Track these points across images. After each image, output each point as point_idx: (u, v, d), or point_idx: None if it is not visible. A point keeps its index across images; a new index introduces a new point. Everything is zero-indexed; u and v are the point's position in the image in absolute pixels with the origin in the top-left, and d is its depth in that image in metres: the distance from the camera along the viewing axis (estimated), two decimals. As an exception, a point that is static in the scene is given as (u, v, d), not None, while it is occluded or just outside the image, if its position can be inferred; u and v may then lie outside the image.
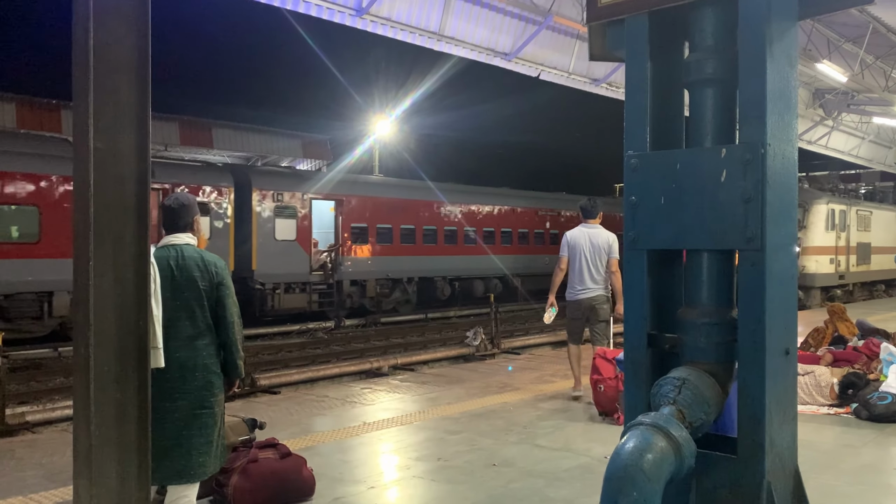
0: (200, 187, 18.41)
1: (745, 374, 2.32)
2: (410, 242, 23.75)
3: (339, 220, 22.09)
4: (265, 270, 19.48)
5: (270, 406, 7.69)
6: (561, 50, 12.23)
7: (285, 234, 20.23)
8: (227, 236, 18.85)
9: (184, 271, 3.89)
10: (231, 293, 4.08)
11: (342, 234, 21.99)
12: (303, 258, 20.56)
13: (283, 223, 20.15)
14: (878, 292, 30.21)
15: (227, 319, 4.01)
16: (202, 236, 4.25)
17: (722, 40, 2.47)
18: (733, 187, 2.32)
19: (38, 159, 15.50)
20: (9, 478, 5.10)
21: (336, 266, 21.57)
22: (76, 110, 3.25)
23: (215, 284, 3.98)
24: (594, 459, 5.51)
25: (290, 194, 20.44)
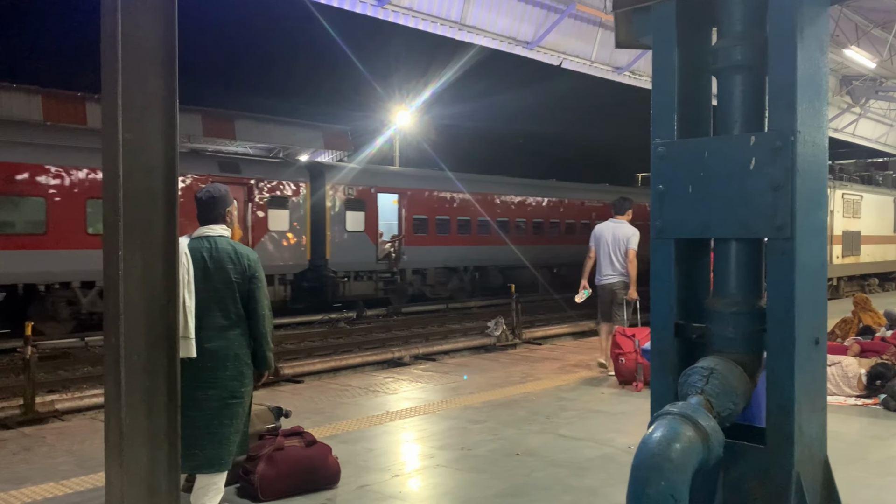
0: (280, 182, 19.46)
1: (774, 364, 2.31)
2: (466, 233, 24.76)
3: (402, 213, 23.18)
4: (337, 259, 20.65)
5: (295, 395, 7.75)
6: (583, 38, 12.13)
7: (355, 225, 21.43)
8: (304, 228, 20.00)
9: (217, 263, 3.92)
10: (263, 286, 4.11)
11: (405, 226, 23.08)
12: (370, 248, 21.78)
13: (353, 215, 21.34)
14: (871, 286, 26.77)
15: (259, 312, 4.04)
16: (236, 228, 4.27)
17: (751, 26, 2.44)
18: (762, 175, 2.29)
19: None
20: (41, 464, 5.20)
21: (399, 255, 22.62)
22: (104, 101, 3.29)
23: (248, 277, 4.01)
24: (618, 449, 5.50)
25: (359, 188, 21.59)
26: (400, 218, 23.20)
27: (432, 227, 23.75)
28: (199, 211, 4.07)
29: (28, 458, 5.37)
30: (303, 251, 19.98)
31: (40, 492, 4.60)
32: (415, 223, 23.24)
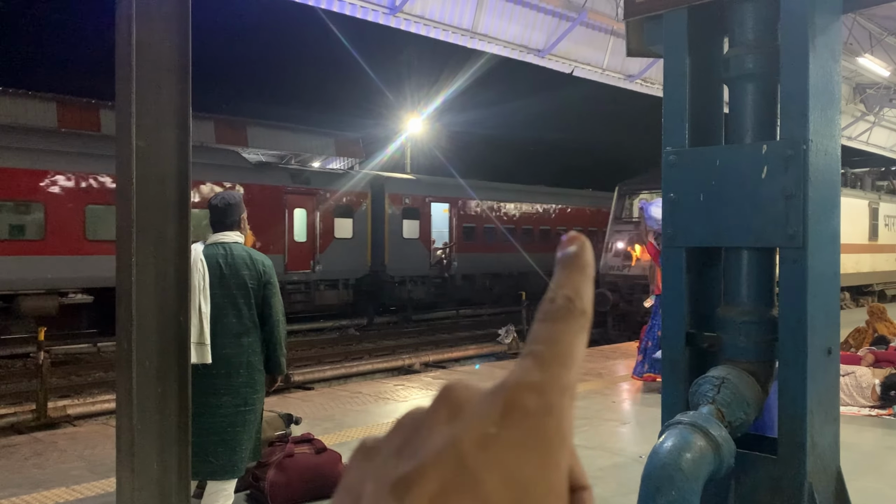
0: (345, 193, 20.73)
1: (786, 374, 2.29)
2: (510, 241, 25.55)
3: (453, 221, 24.25)
4: (395, 265, 21.83)
5: (305, 401, 7.76)
6: (595, 46, 12.13)
7: (410, 233, 22.72)
8: (366, 235, 21.27)
9: (233, 269, 3.94)
10: (277, 292, 4.12)
11: (455, 233, 24.17)
12: (424, 254, 22.98)
13: (409, 224, 22.68)
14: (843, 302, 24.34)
15: (273, 318, 4.05)
16: (249, 234, 4.29)
17: (763, 35, 2.44)
18: (774, 184, 2.29)
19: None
20: (54, 469, 5.22)
21: (450, 262, 23.65)
22: (119, 109, 3.32)
23: (263, 283, 4.03)
24: (629, 459, 5.47)
25: (414, 197, 22.88)
26: (451, 226, 24.28)
27: (480, 234, 24.95)
28: (213, 217, 4.08)
29: (40, 462, 5.40)
30: (364, 257, 21.18)
31: (52, 496, 4.62)
32: (464, 231, 24.52)
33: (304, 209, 19.56)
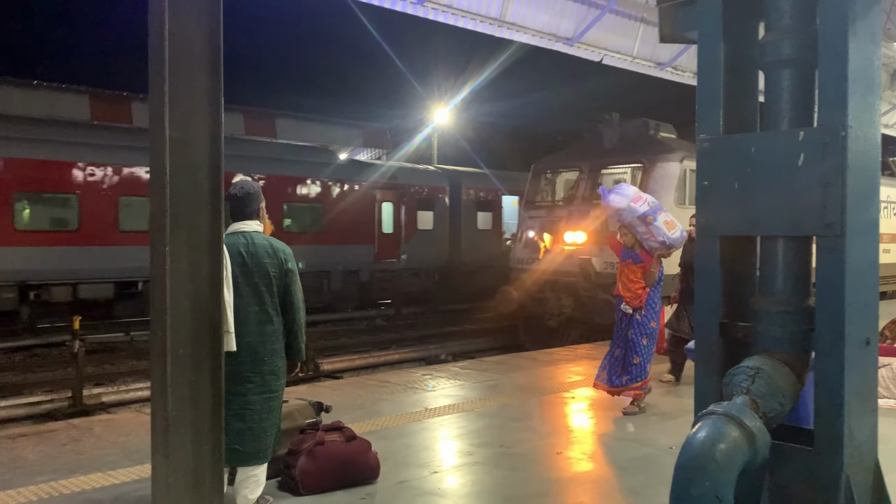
0: (427, 187, 22.06)
1: (823, 365, 2.26)
2: None
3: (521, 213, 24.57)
4: (470, 255, 22.70)
5: (334, 390, 7.82)
6: (625, 34, 11.99)
7: (484, 224, 23.62)
8: (445, 227, 22.41)
9: (254, 258, 3.98)
10: (297, 279, 4.16)
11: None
12: (496, 245, 23.60)
13: (483, 216, 23.59)
14: None
15: (294, 305, 4.10)
16: (268, 223, 4.33)
17: (800, 19, 2.39)
18: (811, 171, 2.25)
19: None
20: (89, 455, 5.33)
21: None
22: (151, 100, 3.35)
23: (284, 271, 4.07)
24: (659, 450, 5.43)
25: (487, 191, 23.67)
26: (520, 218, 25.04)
27: None
28: (232, 207, 4.11)
29: (77, 448, 5.51)
30: (444, 248, 22.18)
31: (89, 482, 4.71)
32: None
33: (391, 203, 20.71)
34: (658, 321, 6.72)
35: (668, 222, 6.45)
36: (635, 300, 6.55)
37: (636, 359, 6.48)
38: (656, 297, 6.63)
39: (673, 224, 6.49)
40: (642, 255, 6.62)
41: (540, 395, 7.44)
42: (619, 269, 6.86)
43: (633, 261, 6.65)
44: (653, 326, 6.61)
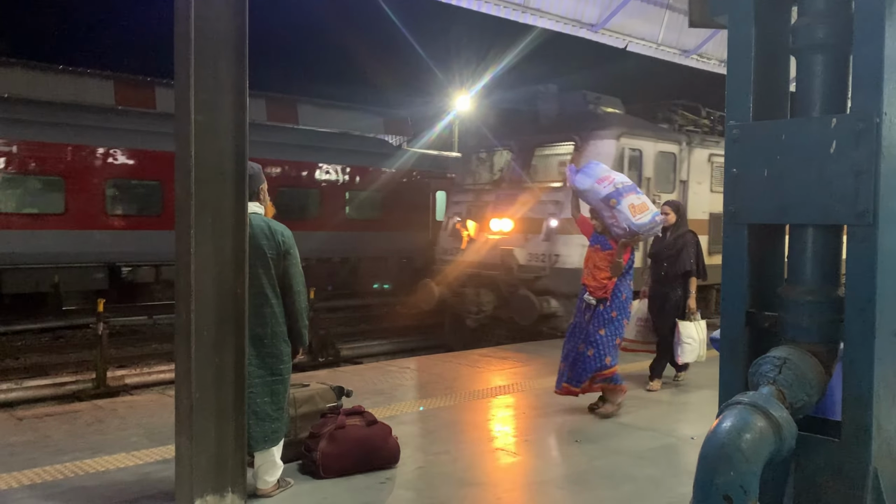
0: None
1: (852, 356, 2.22)
2: None
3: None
4: None
5: (355, 375, 7.86)
6: (650, 20, 11.84)
7: None
8: None
9: (251, 240, 3.92)
10: (297, 262, 4.12)
11: None
12: None
13: None
14: None
15: (294, 288, 4.08)
16: (269, 205, 4.29)
17: (835, 3, 2.34)
18: (843, 159, 2.21)
19: None
20: (114, 435, 5.40)
21: None
22: (178, 84, 3.37)
23: (282, 252, 4.04)
24: (680, 440, 5.41)
25: None
26: None
27: None
28: None
29: (101, 429, 5.59)
30: None
31: (113, 461, 4.78)
32: None
33: (444, 191, 20.77)
34: (624, 314, 6.16)
35: (635, 206, 5.90)
36: (600, 290, 6.02)
37: (590, 350, 5.97)
38: (623, 289, 6.09)
39: (643, 208, 5.95)
40: (612, 241, 6.12)
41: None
42: (586, 255, 6.30)
43: (601, 246, 6.14)
44: (614, 317, 6.04)
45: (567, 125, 11.59)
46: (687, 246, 7.14)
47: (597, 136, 11.11)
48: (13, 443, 5.17)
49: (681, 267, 7.07)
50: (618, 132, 11.14)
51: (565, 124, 11.67)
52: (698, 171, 12.59)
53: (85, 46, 23.04)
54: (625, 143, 11.16)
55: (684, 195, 12.20)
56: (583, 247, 9.61)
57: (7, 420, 5.83)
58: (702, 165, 12.71)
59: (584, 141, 11.12)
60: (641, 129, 11.69)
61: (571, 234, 10.35)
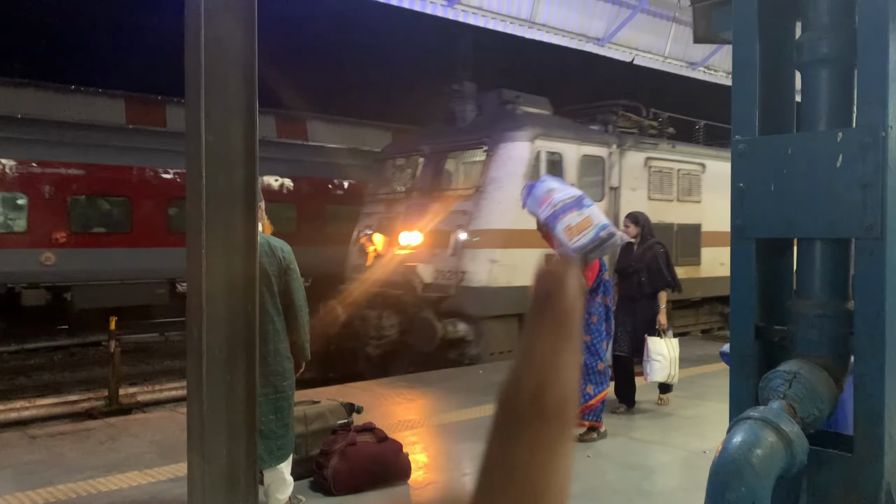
0: None
1: (862, 369, 2.22)
2: None
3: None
4: None
5: (365, 391, 7.86)
6: (656, 33, 11.89)
7: None
8: None
9: None
10: (297, 277, 4.14)
11: None
12: None
13: None
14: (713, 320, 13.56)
15: (296, 303, 4.09)
16: (266, 222, 4.32)
17: (838, 17, 2.35)
18: (850, 172, 2.21)
19: None
20: (126, 453, 5.42)
21: None
22: (188, 104, 3.40)
23: (283, 269, 4.06)
24: (692, 454, 5.38)
25: None
26: None
27: None
28: None
29: (114, 447, 5.61)
30: None
31: (126, 479, 4.80)
32: None
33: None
34: (599, 337, 5.81)
35: (572, 227, 5.27)
36: None
37: None
38: (593, 310, 5.75)
39: (583, 226, 5.28)
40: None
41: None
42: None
43: None
44: (587, 341, 5.72)
45: (480, 127, 10.70)
46: (656, 259, 6.74)
47: (508, 139, 10.06)
48: (27, 461, 5.20)
49: (652, 283, 6.67)
50: (532, 134, 10.12)
51: (479, 127, 10.77)
52: (632, 176, 11.41)
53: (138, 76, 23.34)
54: (541, 146, 10.14)
55: (615, 203, 11.08)
56: (492, 262, 9.59)
57: (21, 438, 5.86)
58: (636, 170, 11.47)
59: (494, 144, 10.10)
60: (562, 131, 10.67)
61: (480, 248, 9.77)
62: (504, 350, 9.88)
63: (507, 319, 9.75)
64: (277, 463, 4.05)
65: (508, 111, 10.79)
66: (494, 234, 9.78)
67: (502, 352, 9.84)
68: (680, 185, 12.26)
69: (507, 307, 9.61)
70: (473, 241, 9.76)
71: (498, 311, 9.65)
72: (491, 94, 11.21)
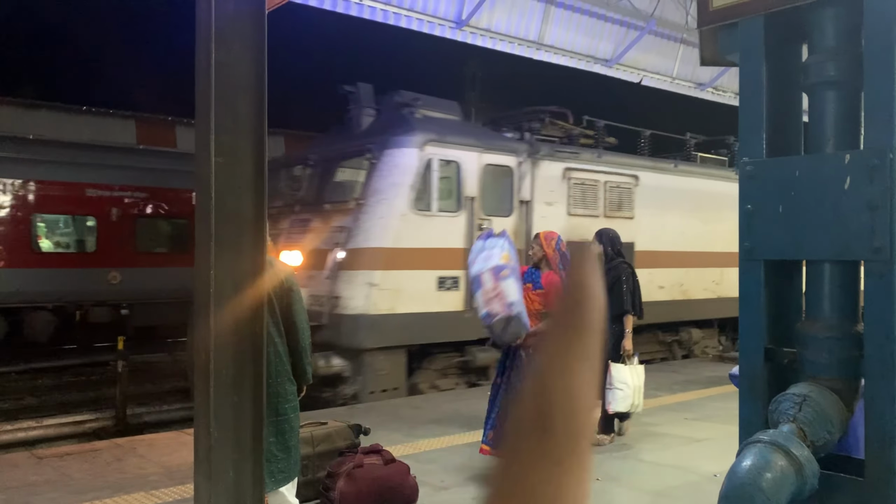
0: None
1: (873, 392, 2.20)
2: None
3: None
4: None
5: (371, 412, 7.83)
6: (664, 54, 11.95)
7: None
8: None
9: None
10: (299, 298, 4.12)
11: None
12: None
13: None
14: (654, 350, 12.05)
15: (297, 325, 4.07)
16: (269, 244, 4.31)
17: (844, 41, 2.37)
18: (858, 195, 2.21)
19: None
20: (133, 474, 5.41)
21: None
22: (198, 126, 3.44)
23: (285, 290, 4.06)
24: (703, 477, 5.32)
25: None
26: None
27: None
28: None
29: (121, 467, 5.60)
30: None
31: (132, 501, 4.78)
32: None
33: None
34: None
35: (487, 291, 4.75)
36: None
37: None
38: None
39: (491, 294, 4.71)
40: (546, 276, 5.40)
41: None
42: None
43: (532, 284, 5.38)
44: None
45: (371, 133, 9.60)
46: (621, 280, 6.31)
47: (394, 145, 8.84)
48: (34, 482, 5.19)
49: (616, 306, 6.19)
50: (423, 139, 8.87)
51: (371, 133, 9.65)
52: (547, 189, 10.03)
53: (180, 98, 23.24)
54: (433, 154, 8.90)
55: (527, 219, 9.76)
56: (370, 286, 8.27)
57: (28, 459, 5.86)
58: (553, 182, 10.11)
59: (378, 151, 8.89)
60: (461, 137, 9.36)
61: (358, 269, 8.59)
62: (389, 388, 8.72)
63: (392, 352, 8.70)
64: (279, 486, 4.01)
65: (405, 115, 9.44)
66: (374, 254, 8.62)
67: (386, 390, 8.69)
68: (608, 199, 10.91)
69: (389, 338, 8.58)
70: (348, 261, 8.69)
71: (379, 343, 8.52)
72: (389, 98, 9.96)
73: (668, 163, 12.47)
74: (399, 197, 8.70)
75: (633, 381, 6.22)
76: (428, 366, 9.25)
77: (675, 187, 12.05)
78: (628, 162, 11.53)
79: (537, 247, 5.57)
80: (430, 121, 9.54)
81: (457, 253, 8.89)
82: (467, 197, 9.25)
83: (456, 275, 9.01)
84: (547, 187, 10.09)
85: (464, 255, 7.69)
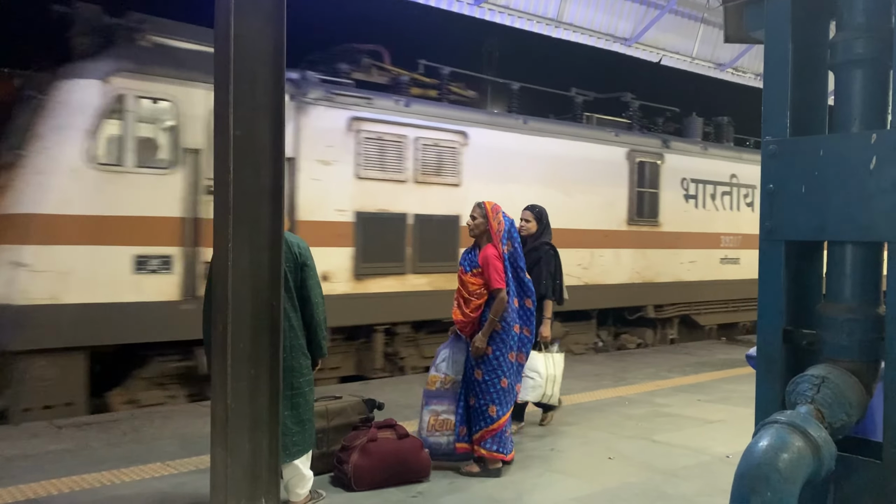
0: None
1: (893, 374, 2.18)
2: None
3: None
4: None
5: (386, 387, 7.88)
6: (684, 34, 11.80)
7: None
8: None
9: None
10: (314, 273, 4.12)
11: None
12: None
13: None
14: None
15: (312, 300, 4.09)
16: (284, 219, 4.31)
17: (875, 17, 2.31)
18: (884, 175, 2.17)
19: None
20: (150, 445, 5.49)
21: None
22: (217, 99, 3.44)
23: (300, 265, 4.05)
24: (714, 458, 5.33)
25: None
26: None
27: None
28: None
29: (138, 438, 5.68)
30: None
31: (148, 471, 4.85)
32: None
33: None
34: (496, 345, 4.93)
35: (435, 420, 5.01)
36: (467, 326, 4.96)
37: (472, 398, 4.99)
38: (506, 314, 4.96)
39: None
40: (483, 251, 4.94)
41: (593, 399, 7.37)
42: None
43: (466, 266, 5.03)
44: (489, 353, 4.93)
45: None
46: (540, 262, 5.90)
47: (65, 76, 6.65)
48: (53, 451, 5.28)
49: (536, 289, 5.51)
50: (110, 68, 6.69)
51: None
52: (322, 143, 7.92)
53: None
54: (125, 88, 6.70)
55: (290, 181, 7.58)
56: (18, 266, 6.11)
57: (48, 428, 5.95)
58: (334, 135, 8.02)
59: (44, 84, 6.75)
60: (179, 69, 7.01)
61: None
62: (58, 403, 6.44)
63: (62, 356, 6.39)
64: (293, 459, 4.06)
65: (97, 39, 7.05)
66: (24, 222, 6.34)
67: (52, 406, 6.41)
68: (421, 160, 8.69)
69: (55, 336, 6.31)
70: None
71: (35, 344, 6.24)
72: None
73: (514, 118, 9.92)
74: (67, 145, 6.43)
75: (547, 370, 5.89)
76: (138, 374, 7.08)
77: (524, 150, 9.77)
78: (452, 115, 9.14)
79: (480, 217, 5.02)
80: (133, 47, 7.04)
81: (169, 223, 6.82)
82: (188, 149, 6.99)
83: (167, 253, 6.83)
84: (322, 141, 7.93)
85: (181, 225, 6.63)
